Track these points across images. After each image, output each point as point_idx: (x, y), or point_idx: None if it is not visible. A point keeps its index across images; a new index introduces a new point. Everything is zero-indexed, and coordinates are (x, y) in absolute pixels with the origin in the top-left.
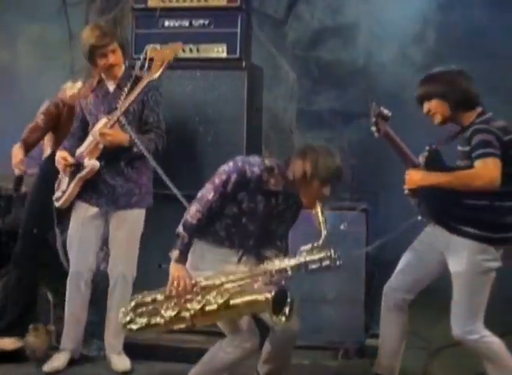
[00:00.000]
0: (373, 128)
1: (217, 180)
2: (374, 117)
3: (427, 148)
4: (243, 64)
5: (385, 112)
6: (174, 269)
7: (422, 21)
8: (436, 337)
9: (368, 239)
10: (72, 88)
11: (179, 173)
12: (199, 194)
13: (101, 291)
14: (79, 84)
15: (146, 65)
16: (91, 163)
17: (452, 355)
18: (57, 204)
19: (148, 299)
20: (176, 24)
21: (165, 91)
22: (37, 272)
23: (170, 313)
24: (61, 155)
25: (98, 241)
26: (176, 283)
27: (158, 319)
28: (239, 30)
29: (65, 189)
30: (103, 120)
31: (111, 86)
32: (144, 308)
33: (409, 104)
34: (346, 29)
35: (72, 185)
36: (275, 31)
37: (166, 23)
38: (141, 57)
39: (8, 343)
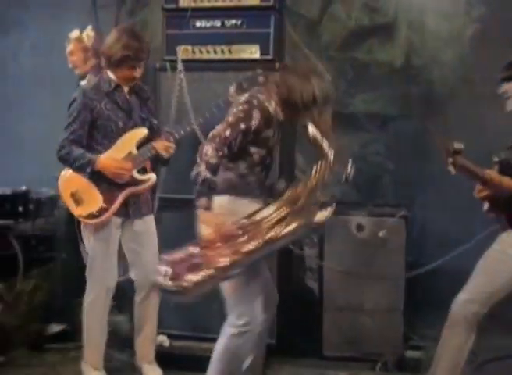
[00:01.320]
0: (450, 168)
1: (233, 119)
2: (449, 157)
3: (495, 159)
4: (277, 65)
5: (458, 146)
6: (208, 218)
7: (462, 19)
8: (482, 350)
9: (407, 246)
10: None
11: None
12: (210, 135)
13: (129, 300)
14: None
15: (179, 66)
16: (152, 178)
17: (498, 368)
18: (98, 219)
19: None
20: (208, 24)
21: (195, 92)
22: None
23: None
24: (122, 166)
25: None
26: (217, 230)
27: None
28: (272, 31)
29: (107, 203)
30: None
31: (128, 93)
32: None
33: (448, 105)
34: (384, 28)
35: (120, 198)
36: (309, 31)
37: (198, 24)
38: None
39: None
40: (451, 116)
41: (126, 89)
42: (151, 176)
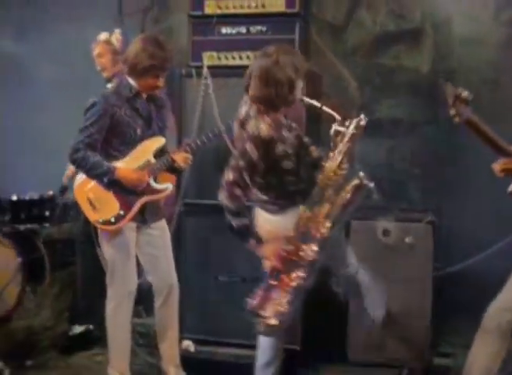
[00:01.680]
0: (452, 112)
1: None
2: (451, 99)
3: None
4: None
5: (465, 94)
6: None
7: (490, 23)
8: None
9: (434, 252)
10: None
11: None
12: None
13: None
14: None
15: (204, 72)
16: (169, 187)
17: None
18: (115, 226)
19: None
20: (233, 31)
21: (220, 98)
22: None
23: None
24: (140, 177)
25: None
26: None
27: None
28: (297, 37)
29: (124, 210)
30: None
31: (146, 101)
32: None
33: (475, 110)
34: (411, 34)
35: (136, 206)
36: (334, 38)
37: (223, 30)
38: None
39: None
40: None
41: (144, 96)
42: (168, 186)
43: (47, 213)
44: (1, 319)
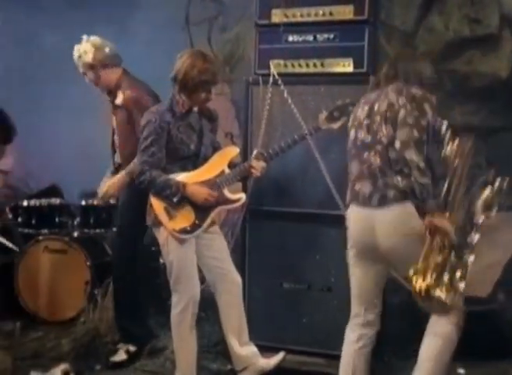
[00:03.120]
0: None
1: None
2: None
3: None
4: (370, 78)
5: None
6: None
7: None
8: None
9: None
10: None
11: (298, 191)
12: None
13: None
14: None
15: (271, 80)
16: (242, 197)
17: None
18: (191, 235)
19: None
20: (300, 39)
21: (286, 106)
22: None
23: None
24: (206, 193)
25: None
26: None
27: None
28: (366, 44)
29: (200, 219)
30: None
31: (198, 115)
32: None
33: None
34: (487, 39)
35: (211, 216)
36: (404, 44)
37: (290, 38)
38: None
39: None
40: None
41: (196, 110)
42: (242, 196)
43: (114, 218)
44: (68, 321)
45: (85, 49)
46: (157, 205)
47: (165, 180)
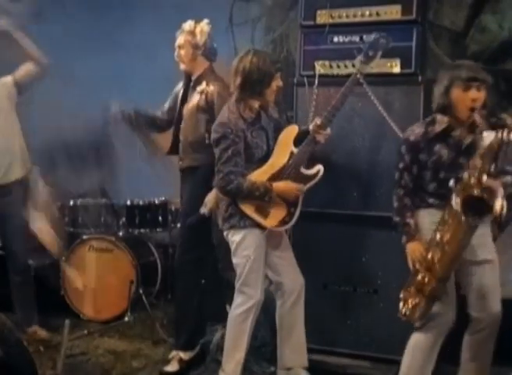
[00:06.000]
0: None
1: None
2: None
3: None
4: (419, 79)
5: None
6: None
7: None
8: None
9: None
10: None
11: (345, 192)
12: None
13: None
14: None
15: (316, 82)
16: (320, 169)
17: None
18: (289, 224)
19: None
20: (346, 40)
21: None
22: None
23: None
24: (295, 188)
25: None
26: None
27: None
28: (414, 44)
29: (293, 207)
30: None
31: (266, 114)
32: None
33: None
34: None
35: (301, 197)
36: (453, 44)
37: (335, 39)
38: None
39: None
40: None
41: (264, 114)
42: (319, 168)
43: (159, 218)
44: (113, 320)
45: (203, 29)
46: (247, 208)
47: (251, 183)
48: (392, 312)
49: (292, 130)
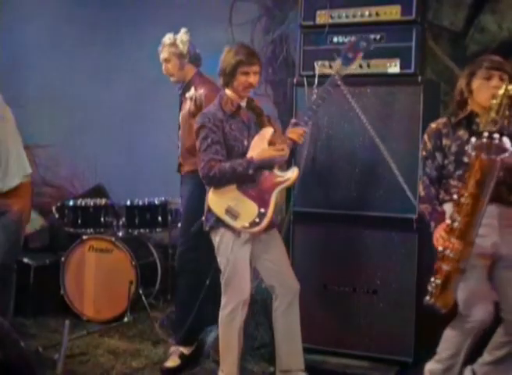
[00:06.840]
0: None
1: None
2: None
3: None
4: (419, 79)
5: None
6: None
7: None
8: None
9: None
10: None
11: (345, 193)
12: None
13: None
14: None
15: (316, 82)
16: (295, 170)
17: None
18: (261, 226)
19: None
20: (345, 40)
21: (332, 107)
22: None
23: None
24: (277, 149)
25: None
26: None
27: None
28: (413, 44)
29: (264, 208)
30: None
31: (248, 110)
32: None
33: None
34: None
35: (272, 200)
36: (452, 44)
37: (335, 39)
38: None
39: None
40: None
41: (244, 105)
42: (294, 169)
43: (159, 218)
44: (113, 320)
45: (183, 39)
46: (217, 209)
47: (231, 162)
48: (391, 313)
49: (267, 131)
